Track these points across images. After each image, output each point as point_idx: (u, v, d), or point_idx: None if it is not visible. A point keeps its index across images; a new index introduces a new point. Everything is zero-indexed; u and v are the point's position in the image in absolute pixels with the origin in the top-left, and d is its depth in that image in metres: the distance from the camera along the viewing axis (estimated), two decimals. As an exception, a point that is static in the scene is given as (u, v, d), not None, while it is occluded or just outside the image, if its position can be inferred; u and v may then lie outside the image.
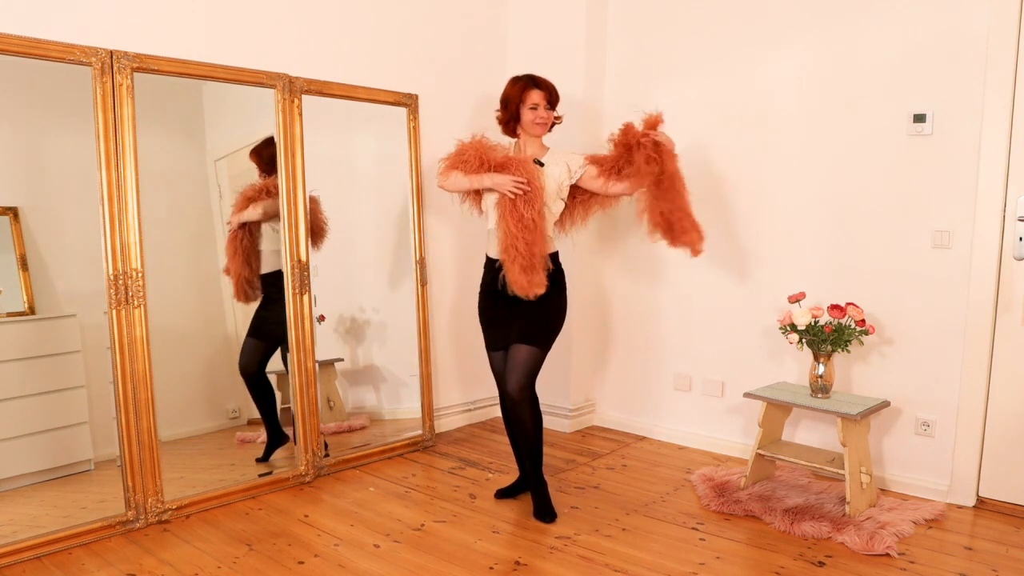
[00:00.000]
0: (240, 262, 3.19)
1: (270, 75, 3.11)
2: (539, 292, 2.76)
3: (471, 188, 2.90)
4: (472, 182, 2.86)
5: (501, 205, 2.80)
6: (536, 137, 2.96)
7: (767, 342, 3.53)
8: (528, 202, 2.76)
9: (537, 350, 2.87)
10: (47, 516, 2.68)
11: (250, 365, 3.27)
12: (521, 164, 2.80)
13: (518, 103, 2.91)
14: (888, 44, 3.13)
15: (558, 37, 3.95)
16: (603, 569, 2.52)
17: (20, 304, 2.74)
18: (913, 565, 2.55)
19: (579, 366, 4.08)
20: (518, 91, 2.91)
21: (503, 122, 2.97)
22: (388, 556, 2.60)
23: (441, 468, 3.49)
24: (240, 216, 3.16)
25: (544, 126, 2.93)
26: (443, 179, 2.95)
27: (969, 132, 2.97)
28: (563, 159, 2.94)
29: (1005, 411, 2.98)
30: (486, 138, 2.95)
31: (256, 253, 3.24)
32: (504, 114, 2.96)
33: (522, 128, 2.94)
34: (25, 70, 2.55)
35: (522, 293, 2.76)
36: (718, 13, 3.60)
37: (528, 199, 2.76)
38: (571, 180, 2.93)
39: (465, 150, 2.90)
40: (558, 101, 2.96)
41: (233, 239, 3.19)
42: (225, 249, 3.20)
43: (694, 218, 2.95)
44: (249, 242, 3.22)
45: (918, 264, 3.11)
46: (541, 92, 2.90)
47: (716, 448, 3.73)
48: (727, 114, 3.60)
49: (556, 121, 2.97)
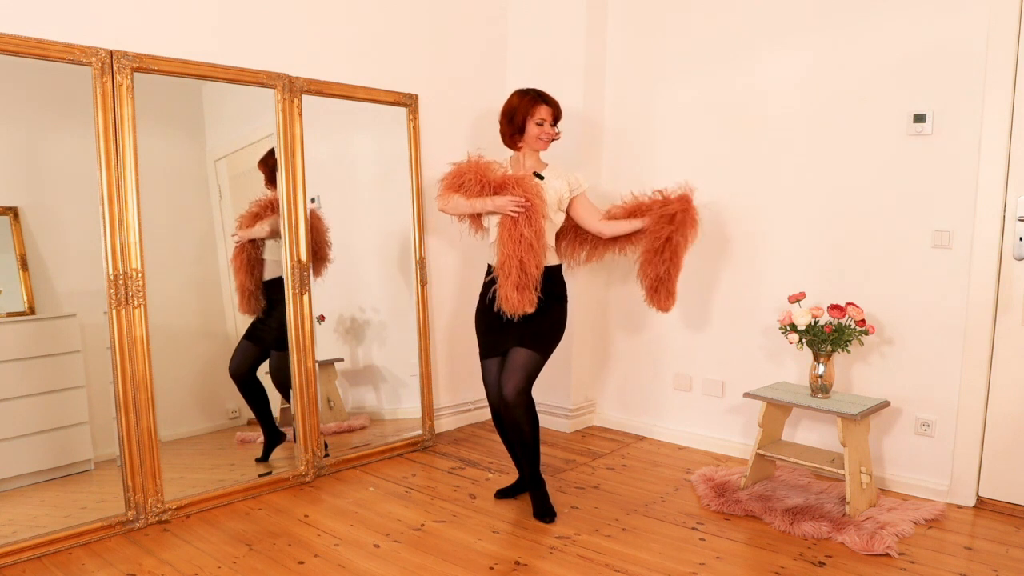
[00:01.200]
0: (245, 274, 3.20)
1: (270, 75, 3.11)
2: (528, 311, 2.76)
3: (473, 212, 2.90)
4: (474, 206, 2.84)
5: (502, 225, 2.80)
6: (536, 152, 2.97)
7: (767, 342, 3.53)
8: (528, 221, 2.76)
9: (537, 355, 2.88)
10: (47, 516, 2.68)
11: (240, 368, 3.25)
12: (520, 182, 2.79)
13: (525, 116, 2.90)
14: (888, 44, 3.13)
15: (558, 37, 3.95)
16: (603, 569, 2.52)
17: (20, 304, 2.74)
18: (913, 565, 2.55)
19: (579, 366, 4.08)
20: (526, 104, 2.90)
21: (507, 135, 2.96)
22: (388, 556, 2.60)
23: (441, 468, 3.49)
24: (247, 233, 3.17)
25: (547, 142, 2.94)
26: (443, 202, 2.93)
27: (969, 132, 2.96)
28: (564, 174, 2.96)
29: (1005, 411, 2.98)
30: (483, 157, 2.93)
31: (259, 263, 3.25)
32: (509, 127, 2.94)
33: (525, 142, 2.94)
34: (25, 70, 2.55)
35: (510, 311, 2.77)
36: (718, 14, 3.60)
37: (528, 217, 2.76)
38: (571, 194, 2.95)
39: (464, 172, 2.87)
40: (561, 118, 2.98)
41: (239, 253, 3.20)
42: (231, 263, 3.21)
43: (676, 288, 3.02)
44: (253, 253, 3.23)
45: (918, 264, 3.11)
46: (548, 108, 2.91)
47: (716, 448, 3.73)
48: (727, 115, 3.60)
49: (555, 138, 2.98)
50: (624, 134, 3.95)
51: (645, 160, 3.86)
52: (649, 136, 3.87)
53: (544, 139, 2.92)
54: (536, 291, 2.78)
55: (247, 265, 3.21)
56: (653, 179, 3.83)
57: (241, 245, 3.20)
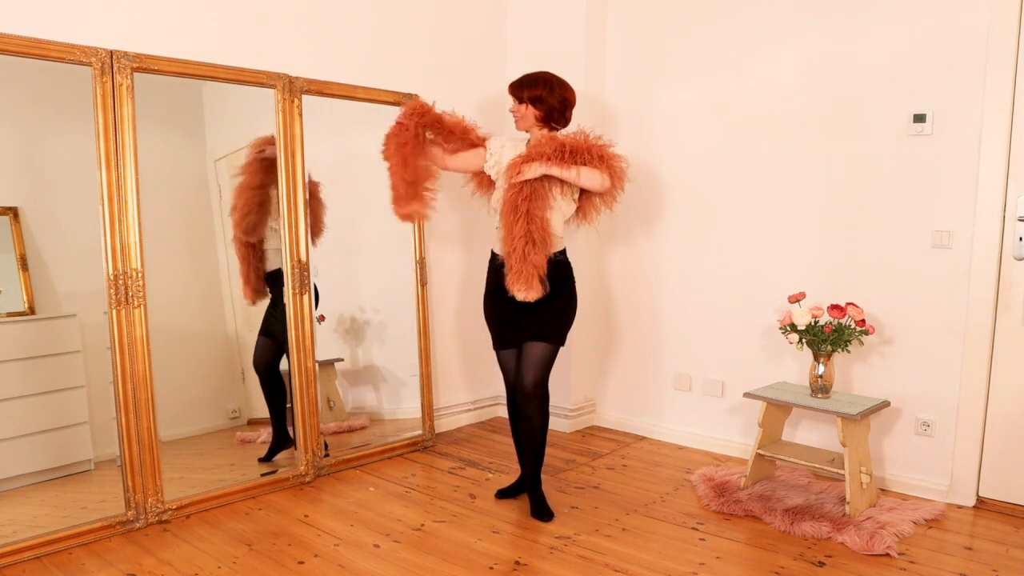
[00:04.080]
0: (247, 265, 3.21)
1: (270, 75, 3.11)
2: (537, 297, 2.78)
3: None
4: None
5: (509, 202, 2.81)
6: (527, 131, 2.98)
7: (767, 342, 3.53)
8: (529, 198, 2.78)
9: (552, 346, 2.93)
10: (47, 516, 2.68)
11: (261, 363, 3.29)
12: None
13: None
14: (888, 44, 3.13)
15: (558, 36, 3.95)
16: (603, 569, 2.52)
17: (20, 304, 2.74)
18: (913, 565, 2.55)
19: (579, 366, 4.08)
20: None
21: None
22: (388, 556, 2.60)
23: (441, 468, 3.49)
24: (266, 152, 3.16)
25: (520, 120, 2.96)
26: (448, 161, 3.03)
27: (969, 132, 2.96)
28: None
29: (1005, 411, 2.98)
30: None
31: (261, 252, 3.25)
32: None
33: None
34: (25, 70, 2.55)
35: (520, 296, 2.78)
36: (718, 14, 3.60)
37: (528, 195, 2.77)
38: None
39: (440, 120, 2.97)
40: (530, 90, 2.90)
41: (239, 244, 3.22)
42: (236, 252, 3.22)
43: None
44: (258, 241, 3.23)
45: (918, 264, 3.11)
46: (510, 87, 2.96)
47: (716, 448, 3.73)
48: (727, 114, 3.60)
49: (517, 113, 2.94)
50: (624, 133, 3.94)
51: (645, 159, 3.86)
52: (649, 135, 3.87)
53: (514, 118, 2.97)
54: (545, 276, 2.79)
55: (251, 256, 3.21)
56: (653, 178, 3.85)
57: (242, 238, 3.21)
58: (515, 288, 2.78)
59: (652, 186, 3.85)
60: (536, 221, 2.77)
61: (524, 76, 2.96)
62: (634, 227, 3.93)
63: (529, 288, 2.77)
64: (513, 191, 2.81)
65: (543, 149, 2.81)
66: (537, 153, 2.81)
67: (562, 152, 2.79)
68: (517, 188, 2.80)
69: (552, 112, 2.91)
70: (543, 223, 2.78)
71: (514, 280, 2.78)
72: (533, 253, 2.75)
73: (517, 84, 2.95)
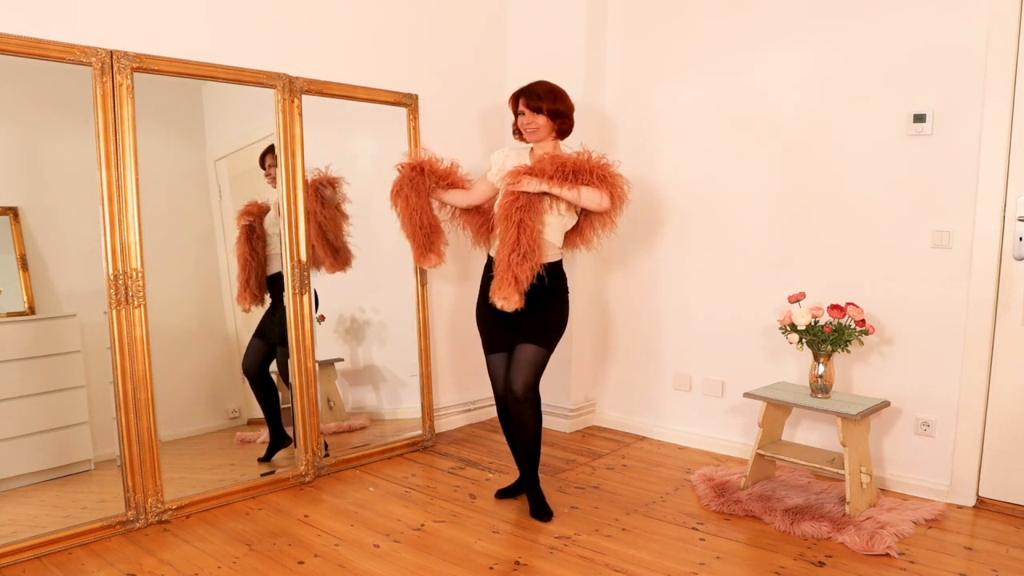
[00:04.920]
0: (248, 270, 3.21)
1: (270, 75, 3.11)
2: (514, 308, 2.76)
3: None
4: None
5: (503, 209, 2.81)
6: (537, 143, 2.96)
7: (767, 342, 3.53)
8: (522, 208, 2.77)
9: (544, 350, 2.91)
10: (47, 516, 2.68)
11: (252, 366, 3.28)
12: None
13: (514, 113, 2.96)
14: (888, 44, 3.13)
15: (558, 36, 3.95)
16: (603, 569, 2.52)
17: (20, 304, 2.74)
18: (913, 565, 2.55)
19: (579, 366, 4.08)
20: (511, 102, 2.97)
21: (514, 132, 3.02)
22: (388, 556, 2.60)
23: (441, 468, 3.49)
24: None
25: (533, 132, 2.91)
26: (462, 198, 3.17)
27: (969, 132, 2.97)
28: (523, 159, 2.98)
29: (1005, 411, 2.98)
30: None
31: (263, 257, 3.25)
32: (513, 126, 3.02)
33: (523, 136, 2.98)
34: (25, 70, 2.55)
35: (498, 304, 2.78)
36: (718, 14, 3.60)
37: (523, 205, 2.77)
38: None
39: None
40: (547, 102, 2.87)
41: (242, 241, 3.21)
42: (236, 254, 3.22)
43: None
44: (259, 246, 3.23)
45: (918, 264, 3.11)
46: (524, 97, 2.90)
47: (716, 448, 3.73)
48: (728, 114, 3.60)
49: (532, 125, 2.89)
50: (624, 134, 3.95)
51: (646, 159, 3.86)
52: (650, 136, 3.87)
53: (527, 129, 2.92)
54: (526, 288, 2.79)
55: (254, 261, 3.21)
56: (654, 179, 3.85)
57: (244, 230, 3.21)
58: (494, 295, 2.78)
59: (652, 186, 3.85)
60: (527, 231, 2.75)
61: (538, 87, 2.91)
62: (634, 227, 3.93)
63: (506, 298, 2.76)
64: (508, 199, 2.80)
65: (544, 167, 2.80)
66: (539, 171, 2.81)
67: (564, 171, 2.79)
68: (513, 197, 2.79)
69: (567, 124, 2.95)
70: (533, 233, 2.77)
71: (496, 288, 2.78)
72: (518, 263, 2.74)
73: (535, 96, 2.88)
